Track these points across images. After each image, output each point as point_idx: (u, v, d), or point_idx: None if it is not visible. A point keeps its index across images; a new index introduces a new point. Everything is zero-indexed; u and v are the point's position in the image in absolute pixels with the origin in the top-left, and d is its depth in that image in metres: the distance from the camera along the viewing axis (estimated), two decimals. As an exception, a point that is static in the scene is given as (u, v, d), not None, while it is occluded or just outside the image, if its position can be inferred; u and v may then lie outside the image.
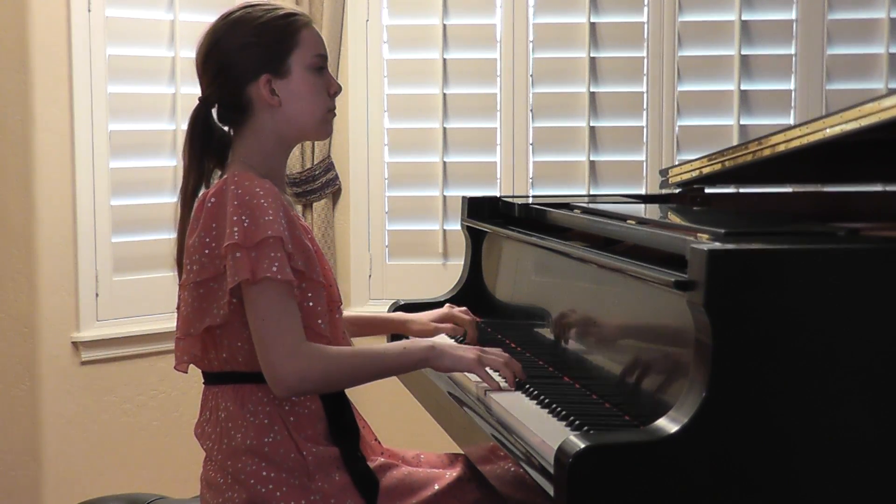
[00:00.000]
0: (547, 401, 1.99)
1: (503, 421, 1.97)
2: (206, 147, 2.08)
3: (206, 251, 1.95)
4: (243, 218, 1.90)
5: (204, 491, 2.05)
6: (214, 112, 2.10)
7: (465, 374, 2.23)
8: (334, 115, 2.13)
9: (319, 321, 2.00)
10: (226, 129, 2.10)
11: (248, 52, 2.04)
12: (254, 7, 2.08)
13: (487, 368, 2.09)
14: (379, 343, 2.34)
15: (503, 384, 2.11)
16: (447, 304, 2.53)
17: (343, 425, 2.03)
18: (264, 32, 2.04)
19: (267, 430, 1.97)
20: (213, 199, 1.95)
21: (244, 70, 2.04)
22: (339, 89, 2.12)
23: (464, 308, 2.51)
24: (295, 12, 2.09)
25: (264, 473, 1.95)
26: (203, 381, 2.08)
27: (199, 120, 2.09)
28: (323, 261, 2.04)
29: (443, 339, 2.49)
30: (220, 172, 2.09)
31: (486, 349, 2.11)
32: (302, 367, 1.89)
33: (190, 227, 2.00)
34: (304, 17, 2.09)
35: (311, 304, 1.98)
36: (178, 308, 2.04)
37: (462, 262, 2.89)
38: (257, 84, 2.04)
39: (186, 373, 2.07)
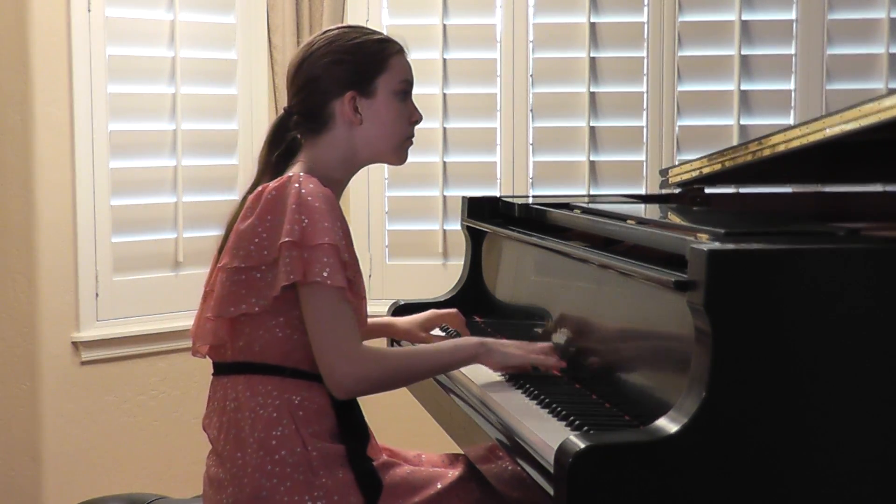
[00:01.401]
0: (547, 401, 1.99)
1: (503, 421, 1.97)
2: (278, 152, 2.13)
3: (257, 240, 1.98)
4: (303, 218, 1.93)
5: (206, 488, 2.05)
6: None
7: (467, 375, 2.24)
8: (412, 142, 2.19)
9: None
10: (298, 136, 2.14)
11: (338, 68, 2.09)
12: (353, 28, 2.17)
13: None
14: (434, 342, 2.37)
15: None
16: (431, 311, 2.53)
17: (352, 424, 2.04)
18: (357, 51, 2.11)
19: (275, 423, 1.98)
20: (273, 192, 1.98)
21: (331, 84, 2.09)
22: (420, 119, 2.19)
23: (454, 311, 2.51)
24: (389, 38, 2.15)
25: (269, 468, 1.96)
26: (213, 372, 2.09)
27: (281, 129, 2.14)
28: (361, 275, 2.07)
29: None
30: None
31: (534, 345, 2.18)
32: (360, 370, 1.95)
33: (243, 214, 2.03)
34: (397, 45, 2.16)
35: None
36: (207, 291, 2.07)
37: (462, 262, 2.89)
38: (342, 100, 2.09)
39: (204, 357, 2.09)
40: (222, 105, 3.71)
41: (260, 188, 2.02)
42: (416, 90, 3.73)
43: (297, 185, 1.96)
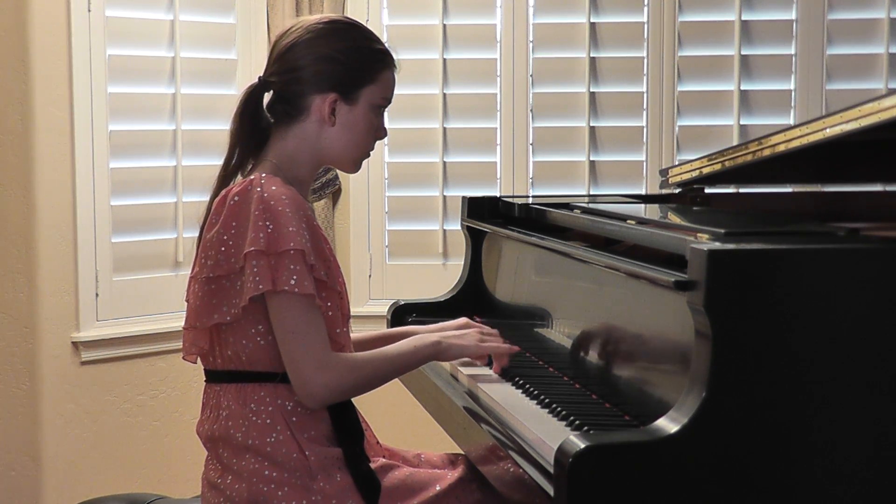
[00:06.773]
0: (547, 401, 1.99)
1: (503, 421, 1.97)
2: (253, 130, 2.09)
3: (223, 248, 1.96)
4: (267, 224, 1.91)
5: (205, 490, 2.05)
6: (266, 97, 2.11)
7: (466, 374, 2.24)
8: (369, 156, 2.16)
9: (338, 330, 2.02)
10: (270, 119, 2.11)
11: (329, 66, 2.05)
12: (358, 30, 2.13)
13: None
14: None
15: (491, 374, 2.22)
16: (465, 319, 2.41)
17: (347, 426, 2.04)
18: (354, 55, 2.07)
19: (269, 429, 1.97)
20: (236, 198, 1.96)
21: (317, 79, 2.05)
22: (384, 135, 2.16)
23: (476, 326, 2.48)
24: (387, 51, 2.12)
25: (266, 472, 1.96)
26: (205, 379, 2.08)
27: (253, 99, 2.10)
28: (338, 271, 2.06)
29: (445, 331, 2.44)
30: (250, 164, 2.09)
31: (486, 334, 2.22)
32: (332, 378, 1.93)
33: (209, 222, 2.01)
34: (392, 60, 2.12)
35: (330, 313, 2.01)
36: (187, 299, 2.06)
37: (462, 262, 2.89)
38: (323, 98, 2.05)
39: (195, 363, 2.08)
40: (222, 105, 3.71)
41: (224, 192, 2.00)
42: (416, 90, 3.78)
43: (258, 188, 1.94)
